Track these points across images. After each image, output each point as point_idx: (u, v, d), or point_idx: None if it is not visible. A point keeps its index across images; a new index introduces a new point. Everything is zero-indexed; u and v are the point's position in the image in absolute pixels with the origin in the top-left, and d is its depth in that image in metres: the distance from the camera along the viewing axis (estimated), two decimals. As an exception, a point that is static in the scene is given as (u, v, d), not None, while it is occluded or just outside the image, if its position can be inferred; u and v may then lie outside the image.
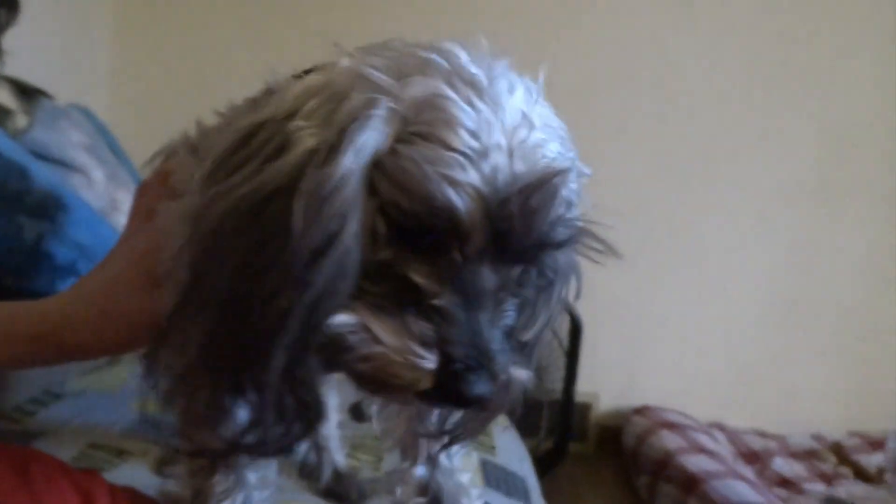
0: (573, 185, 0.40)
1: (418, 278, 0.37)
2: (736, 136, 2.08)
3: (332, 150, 0.35)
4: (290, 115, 0.37)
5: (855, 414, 2.16)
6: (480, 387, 0.36)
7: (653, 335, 2.17)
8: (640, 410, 2.07)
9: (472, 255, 0.37)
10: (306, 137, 0.36)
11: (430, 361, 0.36)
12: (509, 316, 0.41)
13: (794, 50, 2.04)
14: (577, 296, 0.46)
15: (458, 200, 0.35)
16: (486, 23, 1.96)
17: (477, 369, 0.36)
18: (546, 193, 0.37)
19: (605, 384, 2.15)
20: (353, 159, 0.35)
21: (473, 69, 0.38)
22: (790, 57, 2.05)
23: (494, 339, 0.37)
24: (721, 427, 2.08)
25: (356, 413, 1.05)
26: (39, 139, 1.03)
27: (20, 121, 1.02)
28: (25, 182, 0.88)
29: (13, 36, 1.12)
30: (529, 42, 1.91)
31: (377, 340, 0.36)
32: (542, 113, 0.40)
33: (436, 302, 0.37)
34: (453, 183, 0.35)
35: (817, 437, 2.09)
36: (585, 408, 2.13)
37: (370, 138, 0.36)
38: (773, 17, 2.03)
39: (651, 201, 2.07)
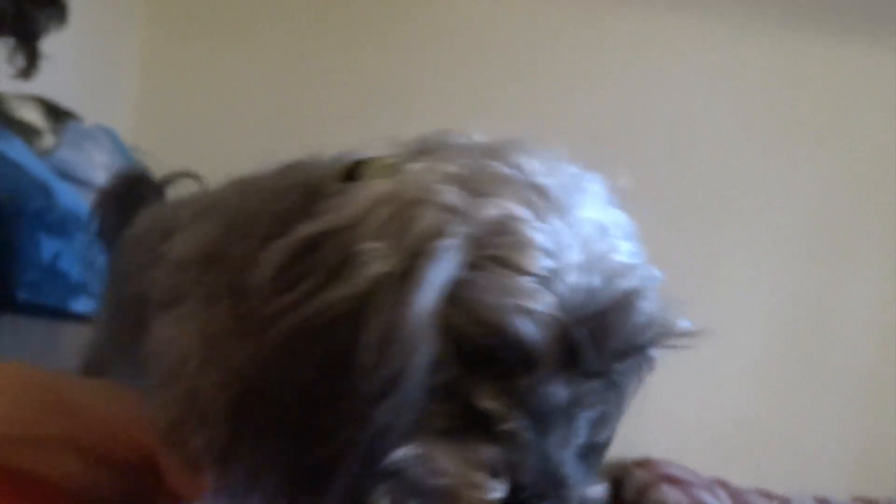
0: (650, 294, 0.39)
1: (485, 402, 0.35)
2: (744, 185, 2.09)
3: (405, 278, 0.33)
4: (355, 227, 0.35)
5: (861, 478, 2.12)
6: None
7: (656, 383, 2.14)
8: (642, 463, 2.04)
9: (545, 374, 0.35)
10: (376, 259, 0.34)
11: (497, 492, 0.34)
12: (583, 432, 0.38)
13: (804, 99, 2.06)
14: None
15: (531, 330, 0.34)
16: (498, 79, 2.01)
17: (548, 497, 0.34)
18: (623, 311, 0.36)
19: (607, 433, 2.12)
20: (428, 293, 0.33)
21: (545, 180, 0.37)
22: (800, 106, 2.07)
23: (567, 462, 0.35)
24: (724, 484, 2.04)
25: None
26: (64, 159, 1.06)
27: (48, 140, 1.05)
28: (48, 200, 0.91)
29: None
30: (543, 98, 1.96)
31: (442, 473, 0.34)
32: (615, 218, 0.40)
33: (503, 427, 0.35)
34: (526, 312, 0.33)
35: (822, 501, 2.05)
36: (586, 457, 2.10)
37: (445, 270, 0.33)
38: (783, 70, 2.06)
39: (657, 249, 2.07)
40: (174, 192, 0.78)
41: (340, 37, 2.04)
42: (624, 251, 0.39)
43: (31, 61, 1.22)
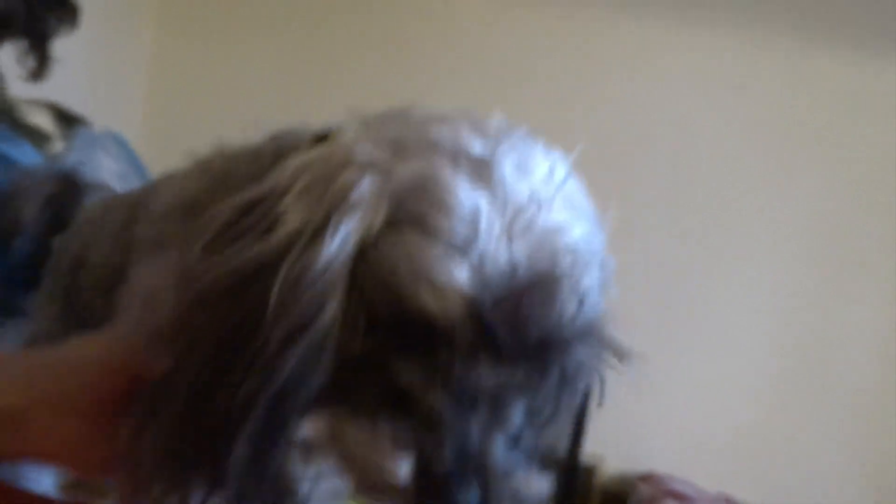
0: (589, 278, 0.36)
1: (403, 377, 0.34)
2: (747, 197, 2.08)
3: (316, 233, 0.33)
4: (283, 189, 0.35)
5: (869, 494, 2.10)
6: (465, 496, 0.32)
7: (661, 397, 2.14)
8: (646, 478, 2.02)
9: (463, 354, 0.33)
10: (292, 217, 0.34)
11: (404, 471, 0.33)
12: (514, 420, 0.36)
13: (806, 108, 2.06)
14: (600, 402, 0.42)
15: (437, 304, 0.32)
16: (501, 87, 2.00)
17: (461, 476, 0.32)
18: (547, 289, 0.33)
19: (612, 446, 2.11)
20: (336, 246, 0.33)
21: (482, 149, 0.35)
22: (801, 115, 2.06)
23: (492, 448, 0.33)
24: (728, 500, 2.02)
25: None
26: (73, 165, 1.06)
27: (57, 146, 1.04)
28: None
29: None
30: (545, 106, 1.95)
31: (347, 449, 0.34)
32: (565, 193, 0.37)
33: (422, 404, 0.33)
34: (432, 284, 0.32)
35: (827, 519, 2.04)
36: (589, 471, 2.09)
37: (354, 225, 0.33)
38: (785, 77, 2.05)
39: (659, 261, 2.07)
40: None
41: (347, 43, 2.05)
42: (567, 227, 0.35)
43: (41, 63, 1.21)
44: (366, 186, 0.34)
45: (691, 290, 2.11)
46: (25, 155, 0.88)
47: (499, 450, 0.34)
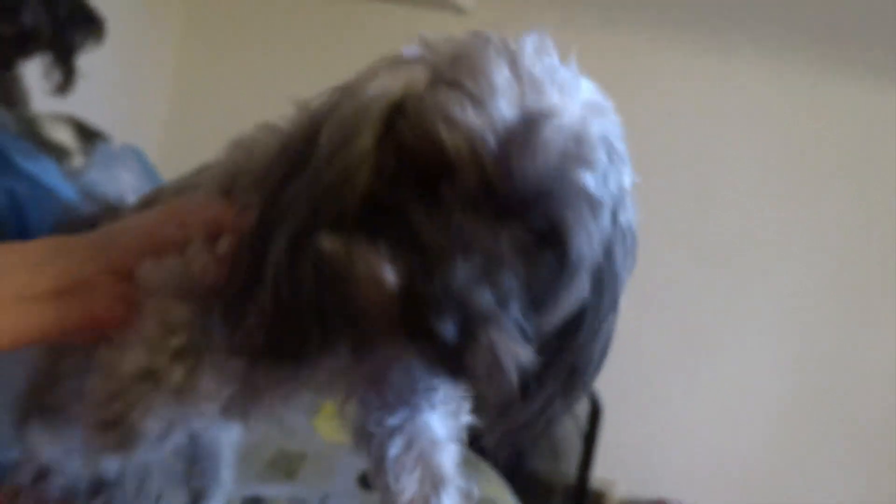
0: (589, 147, 0.40)
1: (412, 218, 0.39)
2: (763, 228, 2.06)
3: (361, 84, 0.42)
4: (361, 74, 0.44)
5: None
6: (445, 325, 0.36)
7: (673, 422, 2.12)
8: (657, 504, 2.00)
9: (467, 201, 0.39)
10: (352, 79, 0.43)
11: (391, 277, 0.37)
12: (508, 281, 0.39)
13: (830, 134, 2.04)
14: (613, 307, 0.45)
15: (451, 139, 0.38)
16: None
17: (442, 307, 0.36)
18: (539, 138, 0.38)
19: (622, 470, 2.09)
20: (376, 91, 0.41)
21: (510, 42, 0.42)
22: (825, 140, 2.04)
23: (474, 291, 0.37)
24: (739, 530, 2.00)
25: (364, 482, 1.05)
26: (92, 180, 1.07)
27: (77, 161, 1.06)
28: (75, 223, 0.91)
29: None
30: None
31: (351, 267, 0.38)
32: (584, 87, 0.42)
33: (422, 239, 0.38)
34: (450, 122, 0.38)
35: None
36: (599, 496, 2.07)
37: (396, 78, 0.41)
38: (809, 104, 2.04)
39: (676, 285, 2.06)
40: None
41: (368, 59, 2.06)
42: (570, 107, 0.40)
43: (67, 78, 1.24)
44: (411, 53, 0.42)
45: (707, 314, 2.09)
46: (48, 174, 0.89)
47: (483, 299, 0.37)
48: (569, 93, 0.41)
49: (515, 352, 0.39)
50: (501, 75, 0.39)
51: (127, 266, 0.48)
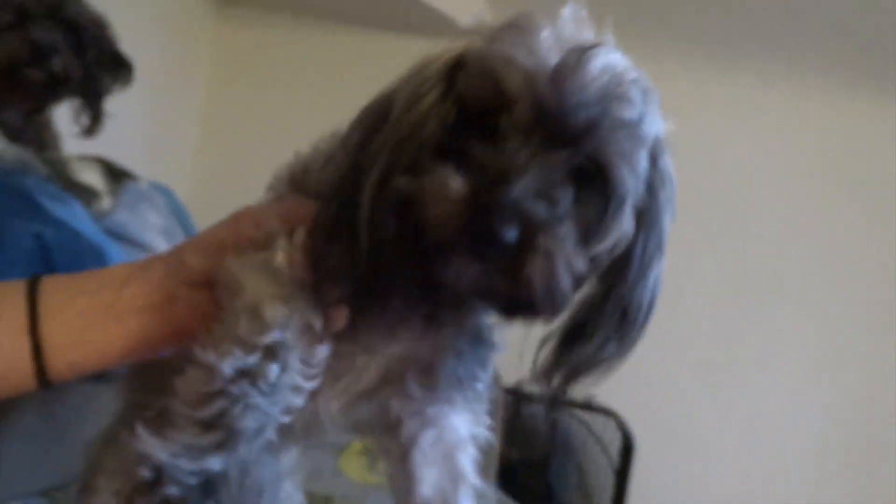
0: (626, 86, 0.46)
1: (473, 149, 0.44)
2: (804, 259, 2.02)
3: (428, 54, 0.49)
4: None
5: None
6: (506, 227, 0.41)
7: (705, 460, 2.06)
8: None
9: (523, 130, 0.44)
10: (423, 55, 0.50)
11: (457, 186, 0.43)
12: (562, 199, 0.44)
13: (868, 168, 2.00)
14: (659, 249, 0.50)
15: (509, 78, 0.44)
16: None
17: (505, 211, 0.41)
18: (582, 73, 0.44)
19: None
20: (439, 57, 0.49)
21: (564, 20, 0.47)
22: (864, 175, 2.00)
23: (533, 204, 0.42)
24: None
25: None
26: (120, 221, 1.08)
27: (105, 202, 1.07)
28: (101, 264, 0.91)
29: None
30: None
31: (422, 187, 0.44)
32: (617, 56, 0.47)
33: (483, 162, 0.43)
34: (508, 61, 0.45)
35: None
36: (633, 533, 2.01)
37: (457, 43, 0.48)
38: (845, 134, 2.00)
39: (708, 322, 2.02)
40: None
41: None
42: (606, 56, 0.46)
43: (95, 120, 1.26)
44: (469, 21, 0.49)
45: (740, 350, 2.04)
46: (74, 216, 0.90)
47: (540, 209, 0.42)
48: (602, 47, 0.46)
49: (570, 259, 0.43)
50: (546, 32, 0.46)
51: (205, 276, 0.51)
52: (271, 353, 0.45)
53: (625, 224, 0.47)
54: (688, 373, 1.97)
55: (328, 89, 2.11)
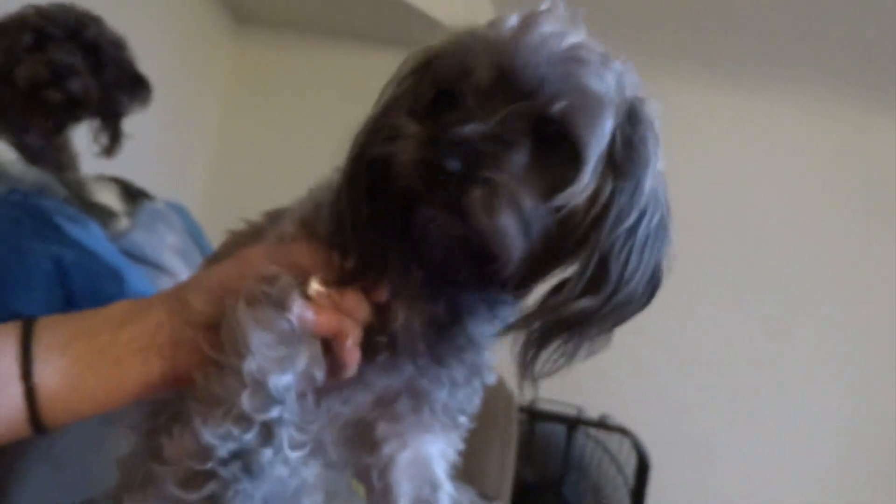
0: (580, 48, 0.48)
1: (440, 115, 0.48)
2: (819, 271, 2.00)
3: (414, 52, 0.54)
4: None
5: None
6: (448, 159, 0.43)
7: (720, 479, 2.03)
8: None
9: (481, 91, 0.47)
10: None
11: (416, 131, 0.47)
12: (511, 148, 0.46)
13: (874, 176, 1.98)
14: (639, 200, 0.50)
15: (471, 43, 0.48)
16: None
17: (448, 146, 0.44)
18: (533, 35, 0.47)
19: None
20: (417, 49, 0.53)
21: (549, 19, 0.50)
22: (875, 190, 1.98)
23: (478, 138, 0.44)
24: None
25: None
26: (137, 241, 1.08)
27: (122, 223, 1.07)
28: (119, 285, 0.92)
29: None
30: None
31: (395, 136, 0.48)
32: (586, 40, 0.49)
33: (443, 120, 0.46)
34: (473, 35, 0.49)
35: None
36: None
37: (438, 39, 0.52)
38: (850, 144, 1.99)
39: (722, 341, 2.00)
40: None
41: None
42: (567, 35, 0.48)
43: (114, 140, 1.27)
44: (454, 22, 0.52)
45: (754, 368, 2.02)
46: (92, 237, 0.91)
47: (485, 144, 0.45)
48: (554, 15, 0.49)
49: (516, 194, 0.45)
50: (513, 17, 0.49)
51: (209, 318, 0.50)
52: (268, 431, 0.45)
53: (586, 178, 0.47)
54: (704, 392, 1.95)
55: (343, 108, 2.11)
